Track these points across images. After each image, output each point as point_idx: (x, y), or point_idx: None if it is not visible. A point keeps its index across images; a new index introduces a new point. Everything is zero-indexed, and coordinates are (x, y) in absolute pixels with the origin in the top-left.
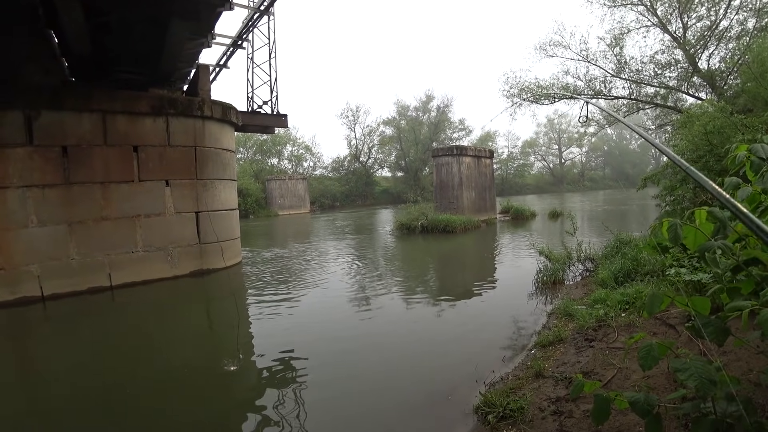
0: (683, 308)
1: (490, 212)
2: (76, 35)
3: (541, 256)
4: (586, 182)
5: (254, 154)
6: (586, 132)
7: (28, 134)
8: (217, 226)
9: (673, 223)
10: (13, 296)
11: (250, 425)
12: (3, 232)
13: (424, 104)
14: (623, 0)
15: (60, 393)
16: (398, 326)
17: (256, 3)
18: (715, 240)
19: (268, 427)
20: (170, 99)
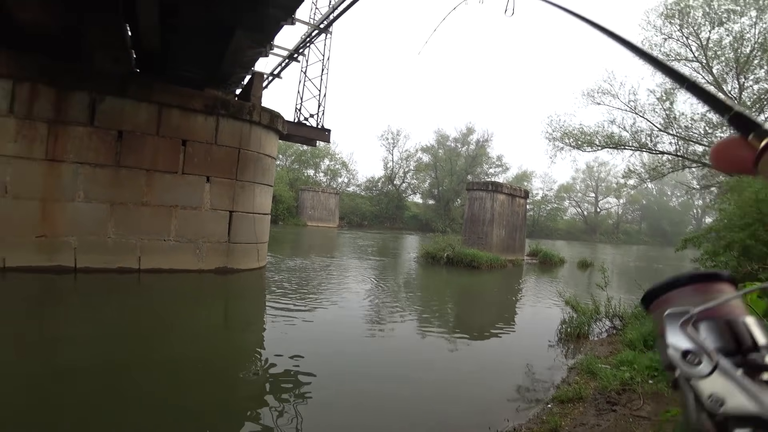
0: None
1: (518, 253)
2: (148, 31)
3: (567, 306)
4: (620, 235)
5: (292, 163)
6: (626, 184)
7: (91, 116)
8: (248, 227)
9: None
10: (49, 263)
11: (237, 424)
12: (52, 203)
13: (464, 136)
14: (678, 55)
15: (71, 362)
16: (410, 358)
17: (316, 21)
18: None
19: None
20: (223, 100)
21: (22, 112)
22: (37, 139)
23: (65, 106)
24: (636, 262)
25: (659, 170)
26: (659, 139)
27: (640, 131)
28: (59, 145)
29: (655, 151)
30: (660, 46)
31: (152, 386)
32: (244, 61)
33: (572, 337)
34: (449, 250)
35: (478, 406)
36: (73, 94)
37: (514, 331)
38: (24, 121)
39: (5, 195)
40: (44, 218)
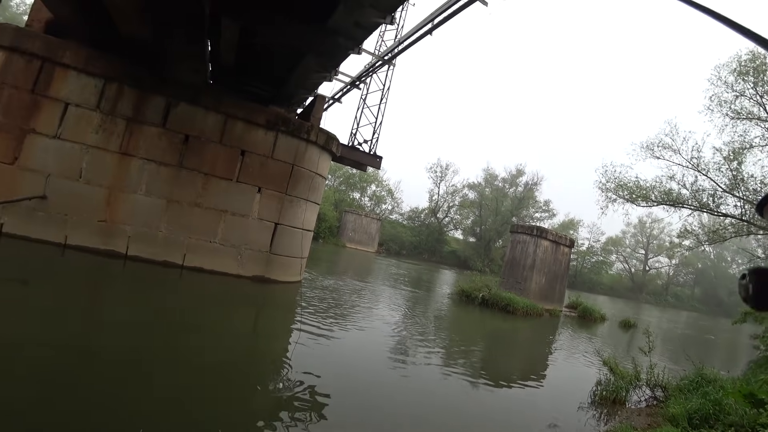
0: None
1: (557, 303)
2: (226, 48)
3: (604, 367)
4: (668, 297)
5: (340, 184)
6: (681, 244)
7: (164, 118)
8: (290, 241)
9: None
10: (104, 246)
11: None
12: (117, 192)
13: (513, 177)
14: (749, 114)
15: (103, 343)
16: (430, 400)
17: (381, 52)
18: None
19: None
20: (284, 118)
21: (107, 108)
22: (115, 134)
23: (143, 107)
24: (685, 330)
25: (720, 234)
26: (723, 201)
27: (701, 190)
28: (132, 141)
29: (716, 213)
30: (730, 103)
31: (170, 381)
32: (309, 83)
33: (607, 402)
34: (485, 290)
35: None
36: (152, 98)
37: (543, 385)
38: (107, 116)
39: (79, 179)
40: (108, 205)
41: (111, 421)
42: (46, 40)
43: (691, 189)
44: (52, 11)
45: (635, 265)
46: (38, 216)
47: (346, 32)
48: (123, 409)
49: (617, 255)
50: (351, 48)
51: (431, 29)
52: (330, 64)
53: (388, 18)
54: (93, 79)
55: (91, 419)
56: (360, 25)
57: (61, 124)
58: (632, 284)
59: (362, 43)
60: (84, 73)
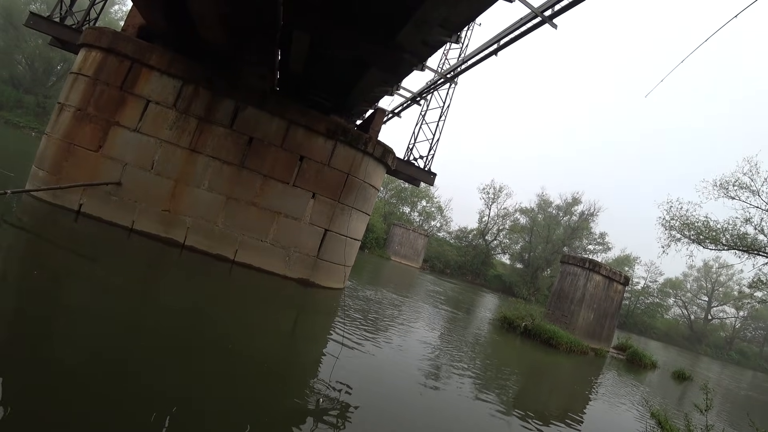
0: None
1: (604, 342)
2: (295, 58)
3: (652, 419)
4: (732, 353)
5: (391, 197)
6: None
7: (232, 120)
8: (338, 248)
9: None
10: (165, 234)
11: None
12: (182, 185)
13: (568, 205)
14: None
15: (156, 323)
16: (457, 428)
17: (444, 70)
18: None
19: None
20: (344, 128)
21: (182, 107)
22: (186, 131)
23: (214, 108)
24: (749, 391)
25: None
26: None
27: None
28: (201, 139)
29: None
30: None
31: (203, 369)
32: (371, 96)
33: None
34: (529, 320)
35: None
36: (222, 100)
37: (580, 429)
38: (181, 115)
39: (150, 170)
40: (173, 196)
41: (142, 399)
42: (137, 43)
43: None
44: (144, 18)
45: (695, 312)
46: (112, 200)
47: (412, 49)
48: (156, 388)
49: (676, 299)
50: (415, 64)
51: (497, 50)
52: (393, 78)
53: (454, 37)
54: (173, 80)
55: (127, 392)
56: (426, 42)
57: (141, 119)
58: (690, 333)
59: (426, 60)
60: (166, 74)
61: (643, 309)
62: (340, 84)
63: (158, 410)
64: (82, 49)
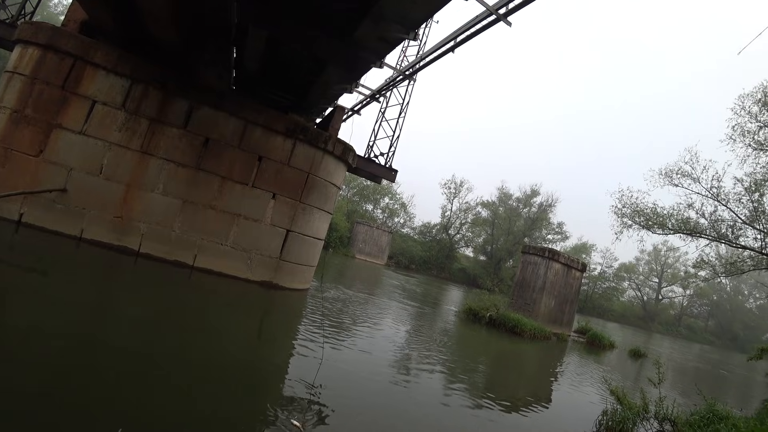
0: None
1: (566, 327)
2: (251, 57)
3: (611, 396)
4: (681, 329)
5: (353, 195)
6: (697, 275)
7: (186, 121)
8: (300, 248)
9: None
10: (117, 242)
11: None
12: (135, 189)
13: (527, 198)
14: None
15: (114, 336)
16: (430, 419)
17: (402, 67)
18: None
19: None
20: (303, 126)
21: (131, 108)
22: (137, 133)
23: (167, 109)
24: (697, 363)
25: (738, 266)
26: (742, 233)
27: (720, 221)
28: (153, 141)
29: (735, 245)
30: (754, 133)
31: (167, 380)
32: (330, 94)
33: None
34: (493, 310)
35: None
36: (175, 100)
37: (547, 410)
38: (131, 116)
39: (99, 175)
40: (125, 202)
41: (105, 415)
42: (79, 39)
43: (710, 219)
44: (87, 12)
45: (648, 294)
46: (57, 208)
47: (371, 46)
48: (118, 403)
49: (630, 282)
50: (374, 62)
51: (454, 47)
52: (352, 76)
53: (412, 34)
54: (121, 79)
55: (88, 411)
56: (384, 39)
57: (87, 121)
58: (644, 313)
59: (385, 57)
60: (113, 73)
61: (601, 293)
62: (299, 82)
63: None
64: (17, 45)
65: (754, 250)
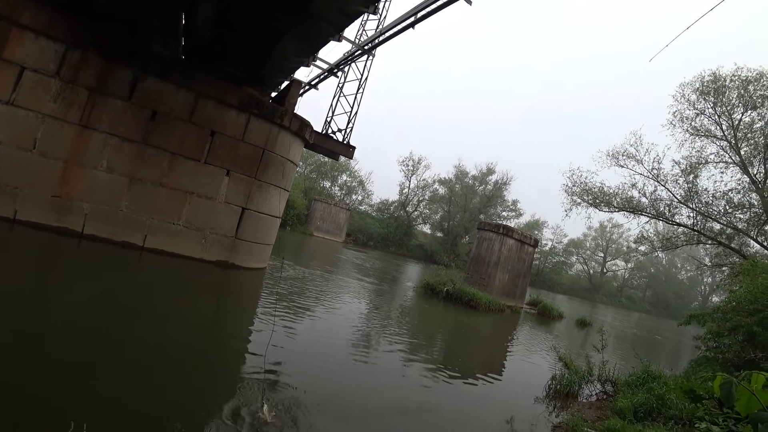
0: None
1: (518, 300)
2: (202, 24)
3: (560, 362)
4: (623, 299)
5: (311, 172)
6: (637, 249)
7: (130, 92)
8: (257, 227)
9: (728, 381)
10: (57, 224)
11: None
12: (75, 166)
13: (483, 176)
14: (707, 132)
15: (56, 323)
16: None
17: (361, 42)
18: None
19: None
20: (258, 100)
21: (67, 76)
22: (75, 104)
23: (109, 78)
24: (635, 330)
25: (673, 241)
26: (678, 211)
27: (659, 200)
28: (94, 114)
29: (671, 222)
30: (691, 120)
31: (119, 368)
32: (286, 67)
33: (560, 395)
34: (450, 285)
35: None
36: (118, 69)
37: (501, 379)
38: (67, 85)
39: (32, 151)
40: (64, 180)
41: (49, 409)
42: None
43: (650, 198)
44: None
45: (594, 267)
46: None
47: (329, 18)
48: (64, 395)
49: (578, 257)
50: (332, 34)
51: (414, 23)
52: (309, 48)
53: (372, 7)
54: (53, 44)
55: (29, 405)
56: (343, 11)
57: (15, 90)
58: (590, 285)
59: (344, 30)
60: (43, 36)
61: (551, 267)
62: (254, 53)
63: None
64: None
65: (687, 227)
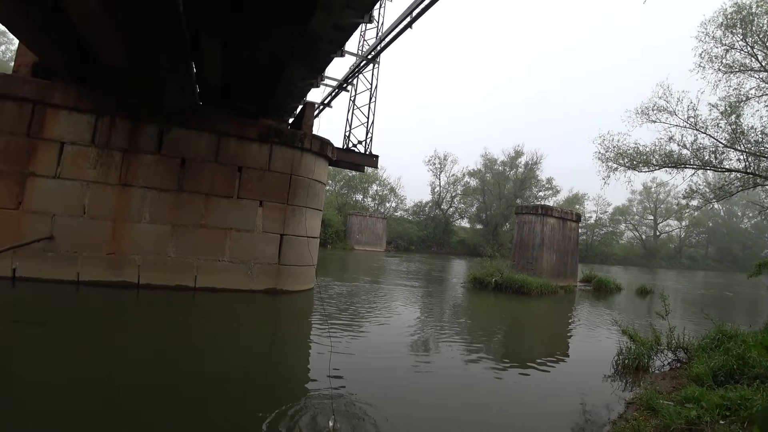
0: None
1: (570, 279)
2: (211, 67)
3: (624, 336)
4: (683, 260)
5: (341, 188)
6: (688, 205)
7: (158, 144)
8: (297, 250)
9: None
10: (116, 278)
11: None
12: (121, 223)
13: (512, 159)
14: (742, 66)
15: (124, 372)
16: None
17: (364, 52)
18: None
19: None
20: (276, 129)
21: (101, 142)
22: (112, 166)
23: (137, 136)
24: (702, 290)
25: (726, 189)
26: (725, 156)
27: (702, 148)
28: (131, 171)
29: (720, 169)
30: (721, 58)
31: (193, 401)
32: (296, 92)
33: (630, 370)
34: (497, 275)
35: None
36: (144, 126)
37: (566, 361)
38: (103, 150)
39: (83, 216)
40: (114, 237)
41: None
42: (34, 83)
43: (692, 148)
44: (35, 54)
45: (645, 232)
46: (48, 257)
47: (327, 35)
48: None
49: (626, 224)
50: (333, 51)
51: (410, 22)
52: (314, 69)
53: (367, 17)
54: (85, 116)
55: None
56: (339, 27)
57: (59, 164)
58: (645, 251)
59: (344, 45)
60: (75, 110)
61: (600, 240)
62: (263, 85)
63: None
64: None
65: (739, 171)
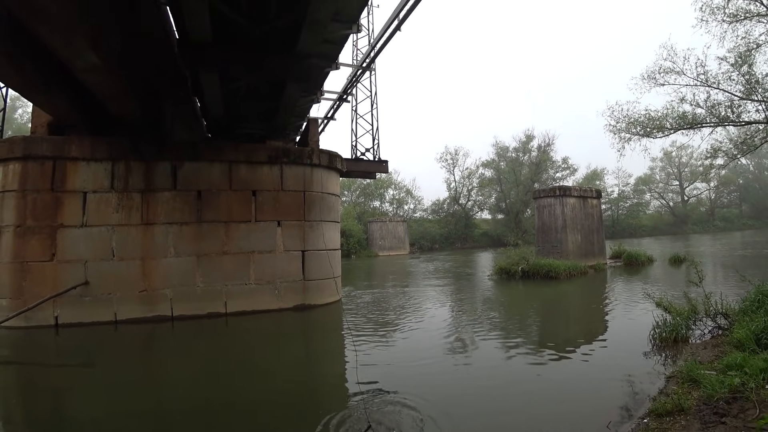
0: None
1: (599, 257)
2: (213, 101)
3: (659, 309)
4: (716, 222)
5: (358, 197)
6: (713, 164)
7: (173, 181)
8: (320, 264)
9: None
10: (151, 314)
11: None
12: (149, 260)
13: (524, 144)
14: (747, 12)
15: (164, 404)
16: (494, 379)
17: (358, 61)
18: None
19: None
20: (284, 149)
21: (120, 187)
22: (134, 207)
23: (152, 175)
24: (742, 251)
25: (749, 143)
26: (743, 109)
27: (717, 104)
28: (151, 210)
29: (740, 123)
30: (723, 7)
31: (239, 418)
32: (298, 110)
33: (668, 343)
34: (523, 263)
35: (566, 423)
36: (158, 165)
37: (604, 341)
38: (122, 194)
39: (113, 258)
40: (144, 275)
41: None
42: (51, 140)
43: (706, 106)
44: (50, 113)
45: (672, 199)
46: (86, 301)
47: (318, 51)
48: None
49: (651, 193)
50: (327, 66)
51: (398, 25)
52: (311, 86)
53: (354, 27)
54: (102, 164)
55: None
56: (329, 41)
57: (84, 212)
58: (674, 218)
59: (337, 58)
60: (92, 160)
61: (626, 213)
62: (265, 108)
63: None
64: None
65: (760, 122)
